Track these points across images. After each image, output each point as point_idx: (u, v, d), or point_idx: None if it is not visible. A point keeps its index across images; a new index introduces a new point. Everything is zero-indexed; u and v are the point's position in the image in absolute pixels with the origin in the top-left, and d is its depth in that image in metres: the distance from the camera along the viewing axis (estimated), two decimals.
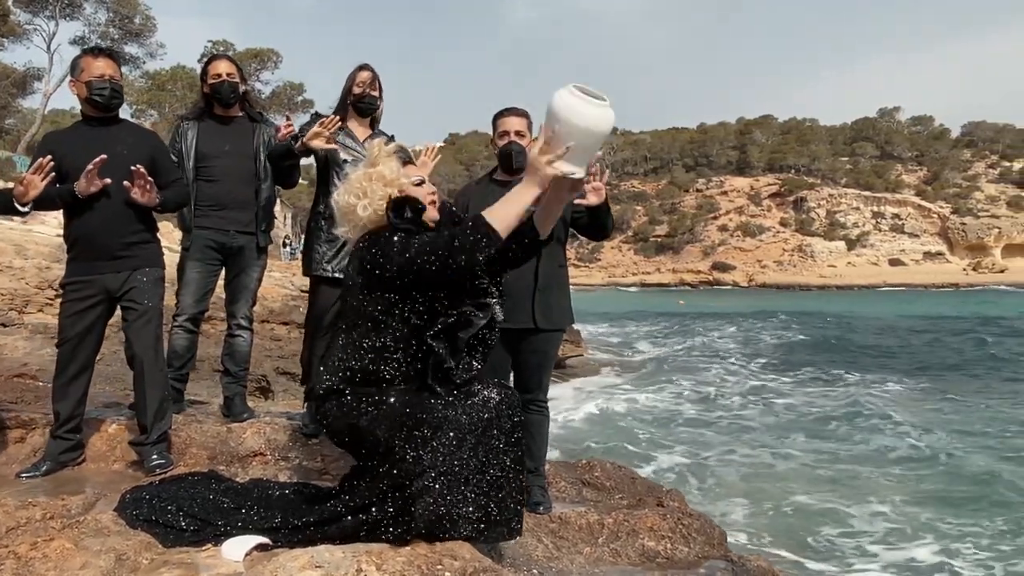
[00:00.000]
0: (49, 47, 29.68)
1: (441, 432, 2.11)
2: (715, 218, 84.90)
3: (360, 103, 3.53)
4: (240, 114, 3.73)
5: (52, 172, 2.92)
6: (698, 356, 20.30)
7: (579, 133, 2.05)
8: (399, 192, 2.30)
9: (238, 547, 2.14)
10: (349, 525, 2.18)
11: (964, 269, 73.78)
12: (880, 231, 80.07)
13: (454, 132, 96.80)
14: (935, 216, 79.70)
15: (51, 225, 12.27)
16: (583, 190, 2.96)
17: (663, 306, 42.70)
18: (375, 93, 3.55)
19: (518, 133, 3.12)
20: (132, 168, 2.96)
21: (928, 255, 77.45)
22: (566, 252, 3.30)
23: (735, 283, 73.85)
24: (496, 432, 2.17)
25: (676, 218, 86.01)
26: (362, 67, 3.54)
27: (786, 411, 12.48)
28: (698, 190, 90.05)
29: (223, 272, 3.73)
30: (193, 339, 3.69)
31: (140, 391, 3.11)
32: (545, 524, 2.90)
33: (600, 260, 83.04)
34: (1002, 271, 71.64)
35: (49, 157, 2.91)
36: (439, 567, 1.94)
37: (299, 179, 3.75)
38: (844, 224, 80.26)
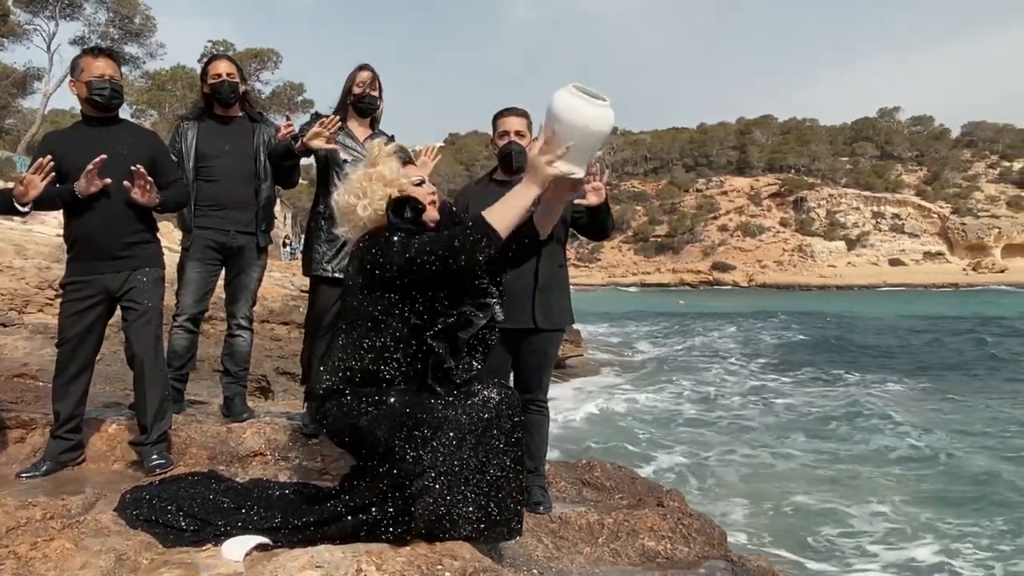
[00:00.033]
0: (49, 47, 29.74)
1: (441, 432, 2.11)
2: (715, 218, 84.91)
3: (360, 103, 3.53)
4: (240, 114, 3.73)
5: (52, 172, 2.92)
6: (698, 356, 20.29)
7: (579, 133, 2.05)
8: (399, 192, 2.30)
9: (238, 547, 2.14)
10: (349, 525, 2.18)
11: (964, 269, 73.79)
12: (880, 231, 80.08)
13: (454, 132, 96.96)
14: (935, 216, 79.71)
15: (51, 225, 12.27)
16: (583, 190, 2.97)
17: (663, 306, 42.70)
18: (375, 93, 3.55)
19: (518, 133, 3.12)
20: (132, 168, 2.96)
21: (928, 255, 77.47)
22: (566, 252, 3.30)
23: (735, 283, 73.85)
24: (496, 432, 2.18)
25: (676, 218, 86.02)
26: (362, 67, 3.54)
27: (786, 411, 12.48)
28: (698, 190, 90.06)
29: (223, 272, 3.73)
30: (193, 339, 3.70)
31: (140, 391, 3.11)
32: (545, 524, 2.90)
33: (600, 260, 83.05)
34: (1002, 271, 71.65)
35: (49, 157, 2.91)
36: (439, 567, 1.94)
37: (299, 179, 3.76)
38: (844, 224, 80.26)
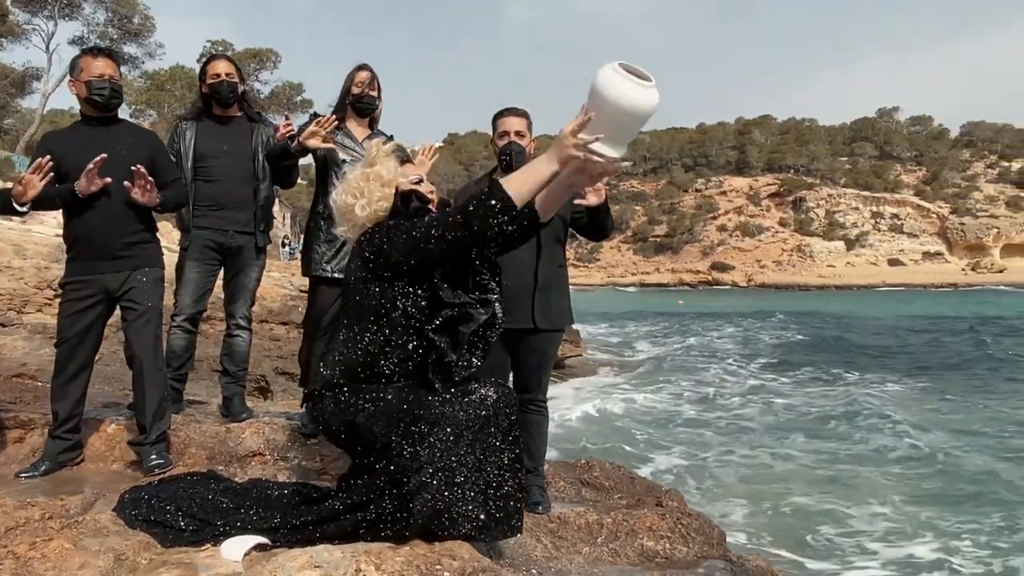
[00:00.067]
0: (48, 47, 29.73)
1: (438, 428, 2.11)
2: (714, 218, 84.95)
3: (359, 103, 3.52)
4: (239, 114, 3.73)
5: (51, 172, 2.92)
6: (697, 356, 20.27)
7: (620, 113, 1.97)
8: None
9: (237, 547, 2.14)
10: (347, 523, 2.18)
11: (963, 269, 73.84)
12: (879, 231, 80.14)
13: (453, 132, 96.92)
14: (934, 216, 79.77)
15: (50, 225, 12.26)
16: (583, 191, 2.97)
17: (662, 306, 42.69)
18: (374, 93, 3.55)
19: (518, 133, 3.12)
20: (133, 168, 2.96)
21: (927, 255, 77.53)
22: (565, 252, 3.30)
23: (734, 283, 73.87)
24: (493, 430, 2.17)
25: (675, 218, 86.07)
26: (361, 67, 3.54)
27: (785, 411, 12.47)
28: (697, 190, 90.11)
29: (222, 272, 3.73)
30: (191, 339, 3.70)
31: (139, 391, 3.11)
32: (544, 524, 2.90)
33: (599, 260, 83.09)
34: (1001, 271, 71.70)
35: (48, 157, 2.92)
36: (438, 567, 1.94)
37: (298, 179, 3.75)
38: (843, 224, 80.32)
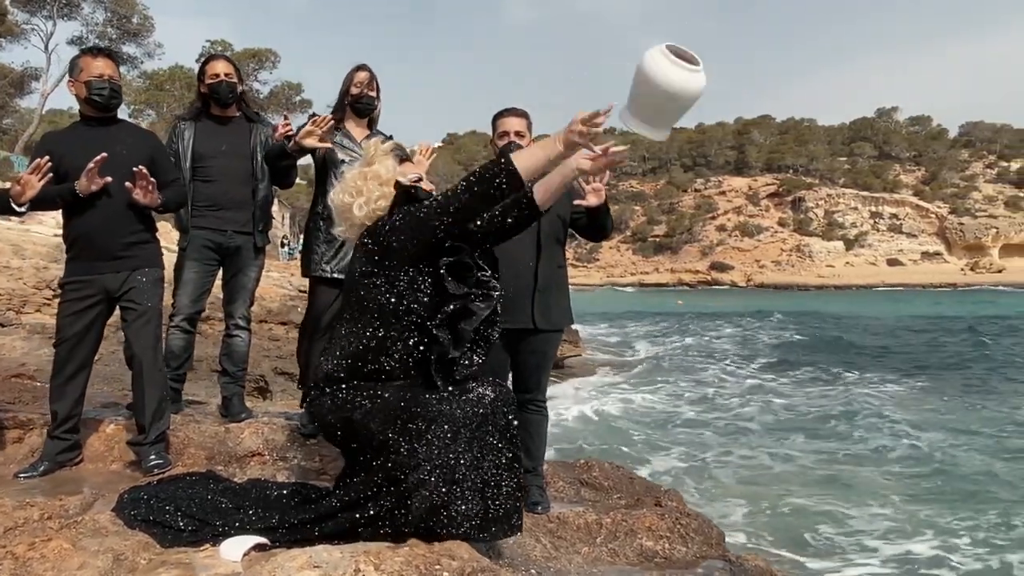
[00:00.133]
0: (47, 47, 29.73)
1: (436, 425, 2.10)
2: (713, 218, 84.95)
3: (358, 103, 3.52)
4: (237, 114, 3.73)
5: (50, 172, 2.92)
6: (696, 356, 20.27)
7: (665, 96, 1.97)
8: (395, 191, 2.32)
9: (236, 547, 2.14)
10: (345, 520, 2.18)
11: (962, 269, 73.86)
12: (878, 231, 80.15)
13: (452, 132, 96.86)
14: (933, 216, 79.80)
15: (49, 225, 12.27)
16: (583, 191, 2.96)
17: (662, 306, 42.68)
18: (373, 93, 3.55)
19: (518, 134, 3.12)
20: (134, 169, 2.96)
21: (926, 255, 77.55)
22: (565, 253, 3.30)
23: (733, 283, 73.87)
24: (491, 428, 2.17)
25: (674, 218, 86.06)
26: (359, 67, 3.54)
27: (784, 411, 12.47)
28: (696, 190, 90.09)
29: (220, 272, 3.73)
30: (190, 339, 3.69)
31: (139, 391, 3.11)
32: (543, 524, 2.90)
33: (598, 260, 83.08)
34: (1000, 271, 71.73)
35: (47, 157, 2.91)
36: (437, 567, 1.94)
37: (296, 179, 3.75)
38: (842, 224, 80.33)
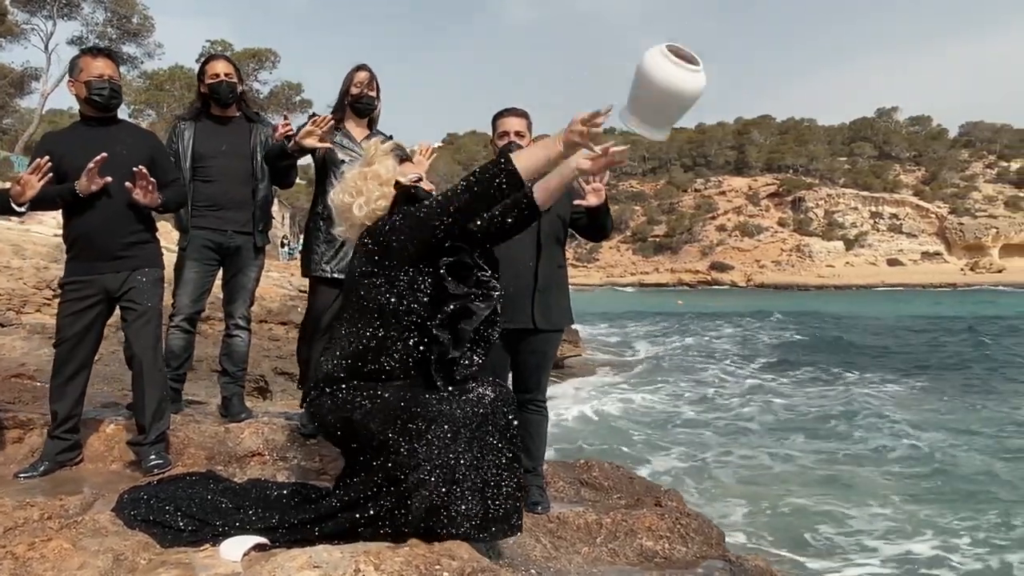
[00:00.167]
0: (47, 47, 29.73)
1: (436, 425, 2.10)
2: (713, 218, 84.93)
3: (357, 103, 3.52)
4: (237, 114, 3.73)
5: (50, 173, 2.92)
6: (696, 356, 20.27)
7: (665, 96, 1.96)
8: (395, 190, 2.32)
9: (236, 547, 2.14)
10: (345, 520, 2.18)
11: (962, 269, 73.84)
12: (878, 231, 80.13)
13: (452, 132, 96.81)
14: (933, 216, 79.79)
15: (49, 225, 12.27)
16: (583, 191, 2.96)
17: (661, 306, 42.67)
18: (372, 93, 3.55)
19: (518, 134, 3.12)
20: (135, 169, 2.96)
21: (926, 255, 77.52)
22: (565, 253, 3.31)
23: (733, 283, 73.85)
24: (491, 428, 2.17)
25: (674, 218, 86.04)
26: (359, 67, 3.54)
27: (784, 411, 12.47)
28: (696, 190, 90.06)
29: (220, 272, 3.73)
30: (190, 339, 3.69)
31: (139, 391, 3.11)
32: (543, 524, 2.90)
33: (598, 260, 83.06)
34: (1000, 271, 71.69)
35: (47, 158, 2.91)
36: (437, 567, 1.94)
37: (296, 179, 3.75)
38: (842, 224, 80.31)
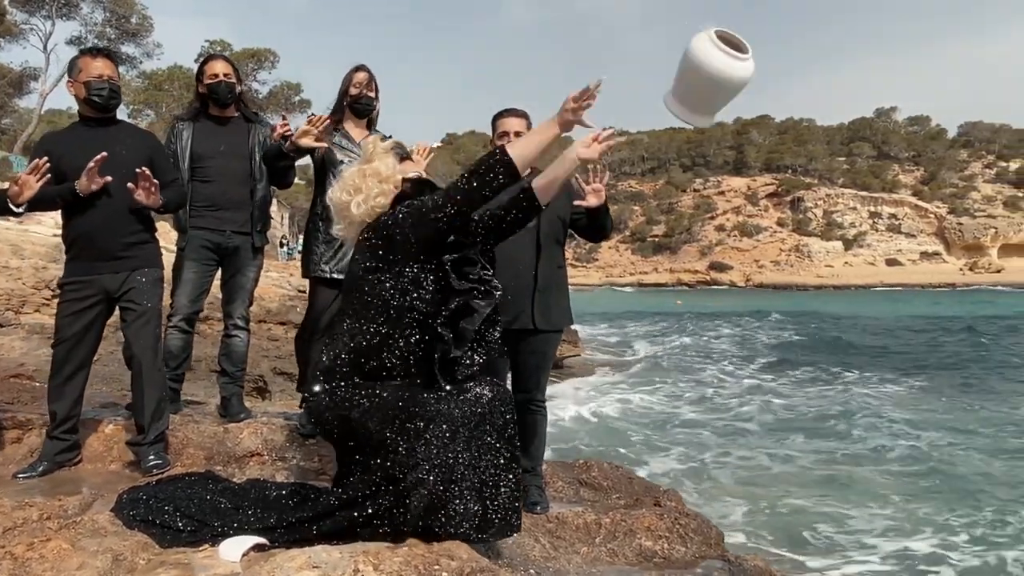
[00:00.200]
0: (46, 47, 29.76)
1: (434, 425, 2.10)
2: (712, 218, 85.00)
3: (356, 104, 3.52)
4: (236, 114, 3.73)
5: (48, 173, 2.92)
6: (695, 356, 20.28)
7: (710, 83, 1.92)
8: (395, 188, 2.32)
9: (235, 547, 2.14)
10: (343, 519, 2.18)
11: (961, 269, 73.95)
12: (877, 231, 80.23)
13: (451, 132, 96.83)
14: (932, 216, 79.88)
15: (48, 225, 12.25)
16: (582, 191, 2.97)
17: (661, 306, 42.70)
18: (371, 94, 3.55)
19: (517, 134, 3.11)
20: (137, 170, 2.96)
21: (925, 255, 77.63)
22: (565, 253, 3.31)
23: (732, 283, 73.92)
24: (489, 428, 2.17)
25: (673, 218, 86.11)
26: (358, 68, 3.54)
27: (783, 411, 12.47)
28: (695, 190, 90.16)
29: (219, 272, 3.73)
30: (188, 339, 3.69)
31: (138, 391, 3.10)
32: (542, 524, 2.91)
33: (598, 260, 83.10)
34: (999, 271, 71.80)
35: (45, 158, 2.91)
36: (436, 567, 1.94)
37: (294, 179, 3.75)
38: (841, 224, 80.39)
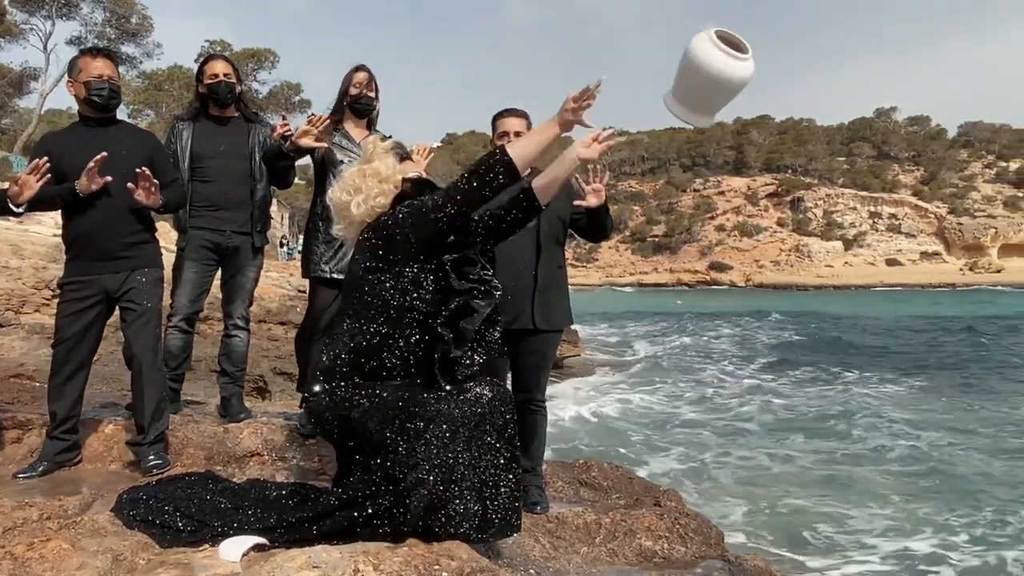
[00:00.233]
0: (46, 47, 29.76)
1: (434, 425, 2.10)
2: (712, 218, 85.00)
3: (356, 104, 3.52)
4: (235, 114, 3.73)
5: (48, 173, 2.92)
6: (695, 356, 20.28)
7: (710, 83, 1.92)
8: (395, 188, 2.32)
9: (235, 547, 2.14)
10: (343, 519, 2.18)
11: (961, 269, 73.95)
12: (877, 231, 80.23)
13: (451, 132, 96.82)
14: (932, 216, 79.87)
15: (48, 225, 12.25)
16: (582, 191, 2.97)
17: (660, 306, 42.70)
18: (371, 94, 3.55)
19: (517, 134, 3.11)
20: (137, 171, 2.96)
21: (925, 255, 77.63)
22: (565, 253, 3.31)
23: (732, 283, 73.91)
24: (489, 428, 2.17)
25: (673, 218, 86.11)
26: (358, 68, 3.54)
27: (783, 411, 12.47)
28: (695, 190, 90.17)
29: (219, 272, 3.73)
30: (188, 339, 3.69)
31: (138, 391, 3.10)
32: (542, 524, 2.91)
33: (597, 260, 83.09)
34: (998, 271, 71.80)
35: (45, 159, 2.91)
36: (436, 567, 1.94)
37: (294, 179, 3.75)
38: (841, 224, 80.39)
